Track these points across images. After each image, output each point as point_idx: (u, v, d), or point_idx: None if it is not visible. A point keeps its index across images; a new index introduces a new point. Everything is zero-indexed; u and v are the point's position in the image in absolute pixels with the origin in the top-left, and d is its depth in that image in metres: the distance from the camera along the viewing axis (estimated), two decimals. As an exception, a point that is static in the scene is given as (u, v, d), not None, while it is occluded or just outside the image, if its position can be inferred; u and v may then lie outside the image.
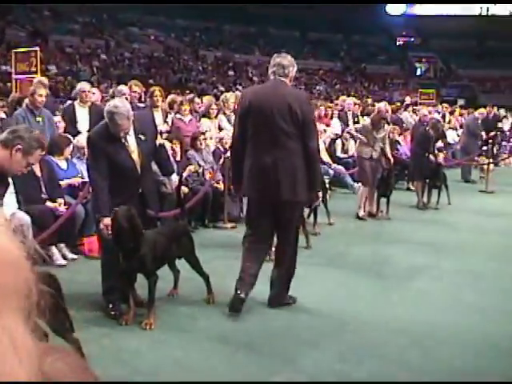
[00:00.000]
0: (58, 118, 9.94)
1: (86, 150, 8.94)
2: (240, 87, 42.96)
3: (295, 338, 5.85)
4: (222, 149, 11.09)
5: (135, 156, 6.36)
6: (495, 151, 20.36)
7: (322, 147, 13.37)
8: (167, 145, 10.00)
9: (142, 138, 6.39)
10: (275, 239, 7.03)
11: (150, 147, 6.54)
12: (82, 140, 9.21)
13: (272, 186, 6.36)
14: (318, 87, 53.82)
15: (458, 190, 15.05)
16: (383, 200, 11.84)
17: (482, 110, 19.30)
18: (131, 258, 5.91)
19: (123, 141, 6.28)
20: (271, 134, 6.33)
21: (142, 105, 11.08)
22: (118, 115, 6.11)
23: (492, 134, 19.47)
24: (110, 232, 5.92)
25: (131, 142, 6.35)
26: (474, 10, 67.39)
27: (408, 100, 22.33)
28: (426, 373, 5.19)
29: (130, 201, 6.12)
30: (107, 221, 5.92)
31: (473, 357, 5.53)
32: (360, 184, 12.00)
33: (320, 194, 7.26)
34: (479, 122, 18.20)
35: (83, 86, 10.72)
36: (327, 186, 11.35)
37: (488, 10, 67.00)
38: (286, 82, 6.55)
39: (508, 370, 5.32)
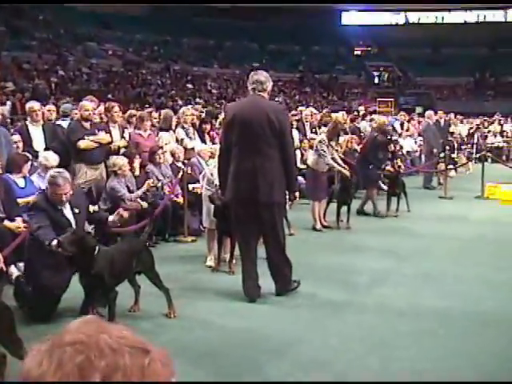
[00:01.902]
0: (17, 138, 9.81)
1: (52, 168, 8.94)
2: (199, 100, 42.98)
3: (257, 348, 5.88)
4: (176, 163, 11.07)
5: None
6: (454, 156, 20.59)
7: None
8: (125, 160, 9.99)
9: (76, 211, 6.84)
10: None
11: (83, 218, 7.01)
12: (50, 158, 9.03)
13: (251, 188, 7.13)
14: (276, 98, 53.96)
15: (418, 197, 15.22)
16: (343, 209, 11.92)
17: (428, 112, 19.44)
18: (87, 275, 5.92)
19: (63, 210, 6.75)
20: (252, 142, 7.11)
21: (97, 119, 11.02)
22: (59, 178, 6.63)
23: (449, 139, 19.68)
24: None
25: (68, 214, 6.81)
26: (430, 18, 68.25)
27: (362, 109, 22.48)
28: (388, 378, 5.24)
29: None
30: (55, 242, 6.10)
31: (433, 360, 5.61)
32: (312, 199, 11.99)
33: (297, 194, 7.99)
34: (433, 126, 18.39)
35: (32, 105, 10.58)
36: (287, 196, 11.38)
37: (443, 19, 67.85)
38: (264, 95, 7.35)
39: (469, 372, 5.37)
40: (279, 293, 7.48)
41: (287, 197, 7.94)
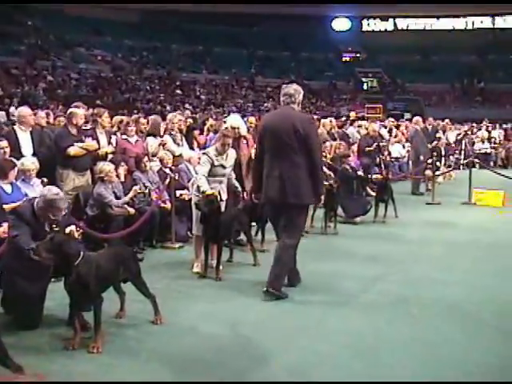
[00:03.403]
0: (4, 143, 9.74)
1: (32, 172, 8.94)
2: (188, 106, 42.93)
3: (243, 354, 5.89)
4: (164, 169, 11.06)
5: None
6: (442, 163, 20.63)
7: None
8: (112, 167, 9.96)
9: (56, 229, 6.76)
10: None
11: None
12: (26, 163, 9.11)
13: (280, 191, 7.73)
14: (266, 104, 53.99)
15: (406, 203, 15.25)
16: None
17: (416, 118, 19.45)
18: (69, 281, 5.95)
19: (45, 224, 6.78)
20: (280, 149, 7.74)
21: (88, 126, 11.00)
22: (60, 201, 6.76)
23: (434, 144, 19.69)
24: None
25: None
26: (418, 25, 68.52)
27: (353, 115, 22.45)
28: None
29: None
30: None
31: (417, 366, 5.65)
32: None
33: (322, 197, 8.29)
34: (421, 133, 18.42)
35: (24, 110, 10.57)
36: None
37: (432, 25, 68.12)
38: (294, 107, 7.97)
39: (453, 377, 5.42)
40: (266, 288, 7.67)
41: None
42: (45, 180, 9.29)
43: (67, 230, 6.86)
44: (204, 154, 9.12)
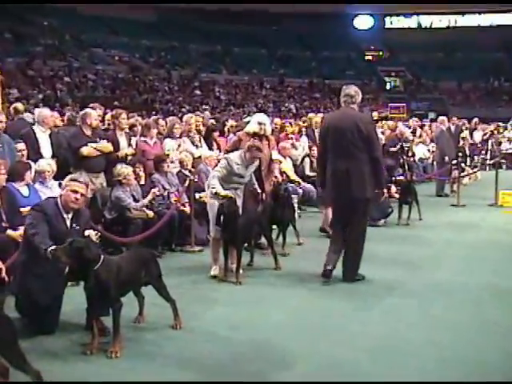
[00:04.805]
0: (22, 146, 9.68)
1: (47, 174, 8.90)
2: (207, 106, 42.79)
3: (262, 360, 5.82)
4: (183, 171, 10.97)
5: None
6: (468, 163, 20.41)
7: (290, 166, 13.27)
8: (130, 170, 9.84)
9: (77, 228, 6.71)
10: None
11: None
12: (42, 164, 9.08)
13: (345, 186, 8.30)
14: (286, 104, 53.91)
15: (430, 205, 15.12)
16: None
17: (441, 118, 19.18)
18: (89, 285, 5.91)
19: (66, 220, 6.69)
20: (344, 147, 8.31)
21: (102, 127, 10.95)
22: (81, 178, 7.14)
23: (460, 144, 19.46)
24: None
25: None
26: (442, 22, 68.13)
27: (376, 115, 22.19)
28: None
29: None
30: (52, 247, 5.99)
31: (441, 369, 5.58)
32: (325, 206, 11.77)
33: (385, 190, 8.94)
34: (446, 132, 18.17)
35: (45, 111, 10.61)
36: (295, 205, 11.27)
37: (456, 22, 67.67)
38: (354, 107, 8.58)
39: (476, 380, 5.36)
40: (345, 280, 8.45)
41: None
42: (62, 183, 9.21)
43: (86, 234, 6.73)
44: (225, 158, 8.92)
